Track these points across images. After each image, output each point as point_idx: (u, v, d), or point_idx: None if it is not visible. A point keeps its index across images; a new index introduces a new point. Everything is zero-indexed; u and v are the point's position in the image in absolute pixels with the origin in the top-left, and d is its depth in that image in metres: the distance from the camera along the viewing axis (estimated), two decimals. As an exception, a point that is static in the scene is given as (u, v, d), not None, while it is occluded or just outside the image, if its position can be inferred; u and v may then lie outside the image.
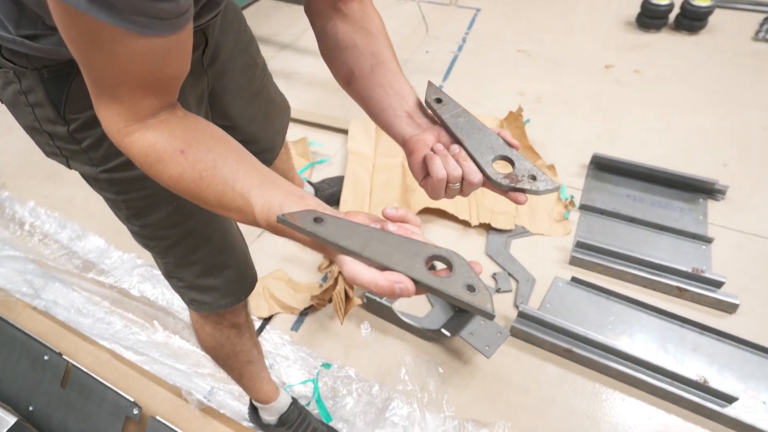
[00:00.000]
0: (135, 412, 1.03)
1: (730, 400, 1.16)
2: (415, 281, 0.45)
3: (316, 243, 0.49)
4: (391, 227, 0.50)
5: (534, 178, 0.58)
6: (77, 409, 1.06)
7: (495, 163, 0.60)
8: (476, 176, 0.58)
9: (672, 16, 2.55)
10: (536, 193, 0.58)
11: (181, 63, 0.52)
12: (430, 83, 0.67)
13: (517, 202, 0.58)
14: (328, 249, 0.49)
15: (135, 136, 0.51)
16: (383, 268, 0.46)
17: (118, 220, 0.78)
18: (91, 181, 0.72)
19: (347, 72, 0.70)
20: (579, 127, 2.02)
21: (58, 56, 0.58)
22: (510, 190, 0.58)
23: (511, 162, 0.60)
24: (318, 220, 0.48)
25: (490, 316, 0.45)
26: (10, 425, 0.90)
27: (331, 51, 0.71)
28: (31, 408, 1.10)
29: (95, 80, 0.49)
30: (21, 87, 0.61)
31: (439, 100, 0.64)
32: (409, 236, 0.49)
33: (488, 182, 0.60)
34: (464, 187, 0.60)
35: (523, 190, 0.58)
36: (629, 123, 2.03)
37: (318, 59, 0.74)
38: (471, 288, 0.46)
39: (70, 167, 0.71)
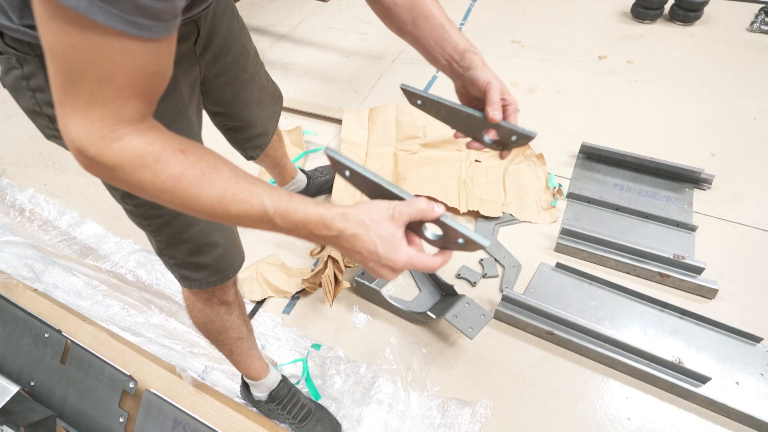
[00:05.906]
0: (131, 385, 1.08)
1: (703, 380, 1.20)
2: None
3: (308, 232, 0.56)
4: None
5: (515, 136, 0.74)
6: (76, 383, 1.11)
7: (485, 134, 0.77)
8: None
9: (667, 6, 2.57)
10: (518, 144, 0.74)
11: (169, 64, 0.52)
12: (404, 90, 0.77)
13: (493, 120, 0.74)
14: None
15: (127, 139, 0.50)
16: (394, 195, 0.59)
17: (116, 207, 0.81)
18: None
19: (395, 28, 0.83)
20: (570, 117, 2.05)
21: None
22: (502, 149, 0.77)
23: (496, 129, 0.75)
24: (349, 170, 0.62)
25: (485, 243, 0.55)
26: (13, 394, 0.95)
27: (379, 9, 0.84)
28: (32, 383, 1.15)
29: (72, 82, 0.47)
30: (23, 72, 0.65)
31: (419, 103, 0.77)
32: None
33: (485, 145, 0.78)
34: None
35: (510, 148, 0.76)
36: (621, 113, 2.05)
37: (313, 50, 0.80)
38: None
39: (68, 149, 0.75)
